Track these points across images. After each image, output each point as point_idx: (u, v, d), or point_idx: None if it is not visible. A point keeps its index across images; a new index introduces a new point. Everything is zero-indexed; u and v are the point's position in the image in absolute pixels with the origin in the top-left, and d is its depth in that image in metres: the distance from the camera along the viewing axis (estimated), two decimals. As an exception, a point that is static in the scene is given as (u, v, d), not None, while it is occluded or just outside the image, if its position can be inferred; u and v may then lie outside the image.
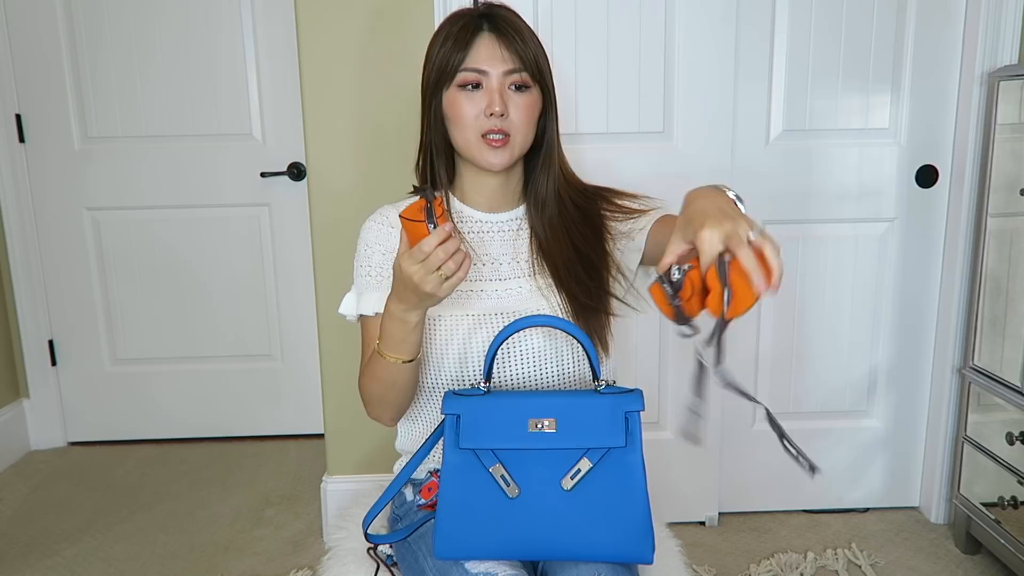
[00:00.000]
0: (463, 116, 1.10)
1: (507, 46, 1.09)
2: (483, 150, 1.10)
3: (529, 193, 1.19)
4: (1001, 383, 1.84)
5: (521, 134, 1.11)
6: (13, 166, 2.49)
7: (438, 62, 1.11)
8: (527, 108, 1.11)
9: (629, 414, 0.99)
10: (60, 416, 2.67)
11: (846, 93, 1.98)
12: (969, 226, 1.97)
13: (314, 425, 2.62)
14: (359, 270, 1.18)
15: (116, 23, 2.43)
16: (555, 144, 1.17)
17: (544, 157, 1.17)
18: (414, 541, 1.09)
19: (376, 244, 1.17)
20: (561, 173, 1.18)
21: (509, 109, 1.09)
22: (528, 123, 1.12)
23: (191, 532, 2.14)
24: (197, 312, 2.63)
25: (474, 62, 1.09)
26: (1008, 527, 1.80)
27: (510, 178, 1.19)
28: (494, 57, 1.08)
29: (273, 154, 2.52)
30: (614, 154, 1.91)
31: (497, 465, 0.98)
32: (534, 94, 1.12)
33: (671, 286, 0.84)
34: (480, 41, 1.09)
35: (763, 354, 2.11)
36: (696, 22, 1.88)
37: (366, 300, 1.15)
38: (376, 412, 1.15)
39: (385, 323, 1.02)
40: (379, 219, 1.19)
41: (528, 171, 1.20)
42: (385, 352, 1.03)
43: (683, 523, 2.12)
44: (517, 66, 1.09)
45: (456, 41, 1.09)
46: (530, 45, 1.10)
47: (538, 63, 1.11)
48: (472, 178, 1.18)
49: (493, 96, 1.08)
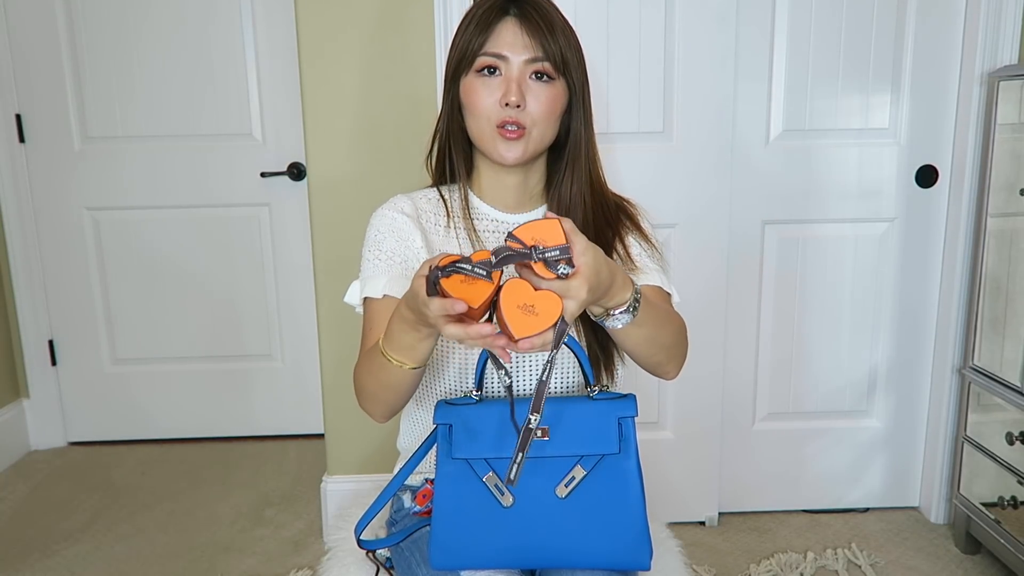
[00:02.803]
0: (478, 104, 1.04)
1: (531, 33, 1.02)
2: (496, 142, 1.04)
3: (552, 195, 1.12)
4: (1001, 383, 1.84)
5: (539, 128, 1.04)
6: (13, 166, 2.49)
7: (460, 46, 1.06)
8: (548, 101, 1.04)
9: (622, 420, 0.98)
10: (60, 416, 2.68)
11: (846, 93, 1.97)
12: (969, 226, 1.97)
13: (314, 425, 2.62)
14: (368, 255, 1.11)
15: (116, 23, 2.43)
16: (582, 144, 1.10)
17: (569, 157, 1.10)
18: (408, 548, 1.08)
19: (389, 232, 1.10)
20: (589, 178, 1.11)
21: (528, 100, 1.03)
22: (548, 117, 1.04)
23: (191, 532, 2.14)
24: (197, 312, 2.63)
25: (494, 46, 1.03)
26: (1008, 527, 1.80)
27: (530, 176, 1.12)
28: (516, 43, 1.02)
29: (273, 154, 2.52)
30: (614, 154, 1.91)
31: (491, 474, 0.97)
32: (558, 87, 1.05)
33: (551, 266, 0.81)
34: (503, 25, 1.03)
35: (763, 354, 2.11)
36: (696, 22, 1.87)
37: (373, 283, 1.08)
38: (367, 406, 1.07)
39: (394, 323, 0.92)
40: (393, 207, 1.12)
41: (552, 171, 1.14)
42: (389, 353, 0.94)
43: (683, 523, 2.12)
44: (539, 55, 1.02)
45: (479, 24, 1.04)
46: (558, 36, 1.03)
47: (563, 55, 1.04)
48: (490, 174, 1.12)
49: (510, 85, 1.02)
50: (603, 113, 1.92)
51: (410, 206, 1.13)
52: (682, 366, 1.10)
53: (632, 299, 0.91)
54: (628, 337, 0.96)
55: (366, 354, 1.05)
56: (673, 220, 1.96)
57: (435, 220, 1.14)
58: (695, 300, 1.99)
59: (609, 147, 1.92)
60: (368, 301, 1.10)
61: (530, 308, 0.80)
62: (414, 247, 1.10)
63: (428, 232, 1.13)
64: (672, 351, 1.05)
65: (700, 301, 2.00)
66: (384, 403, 1.04)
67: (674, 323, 1.05)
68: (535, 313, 0.80)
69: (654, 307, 0.99)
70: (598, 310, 0.92)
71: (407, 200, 1.14)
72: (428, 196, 1.16)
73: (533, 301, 0.80)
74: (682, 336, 1.08)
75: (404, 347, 0.93)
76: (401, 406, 1.06)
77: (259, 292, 2.63)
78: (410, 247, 1.10)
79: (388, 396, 1.02)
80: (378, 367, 0.97)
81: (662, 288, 1.12)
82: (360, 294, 1.11)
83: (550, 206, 1.13)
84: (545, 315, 0.80)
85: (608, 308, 0.91)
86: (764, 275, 2.07)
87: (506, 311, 0.79)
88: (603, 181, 1.15)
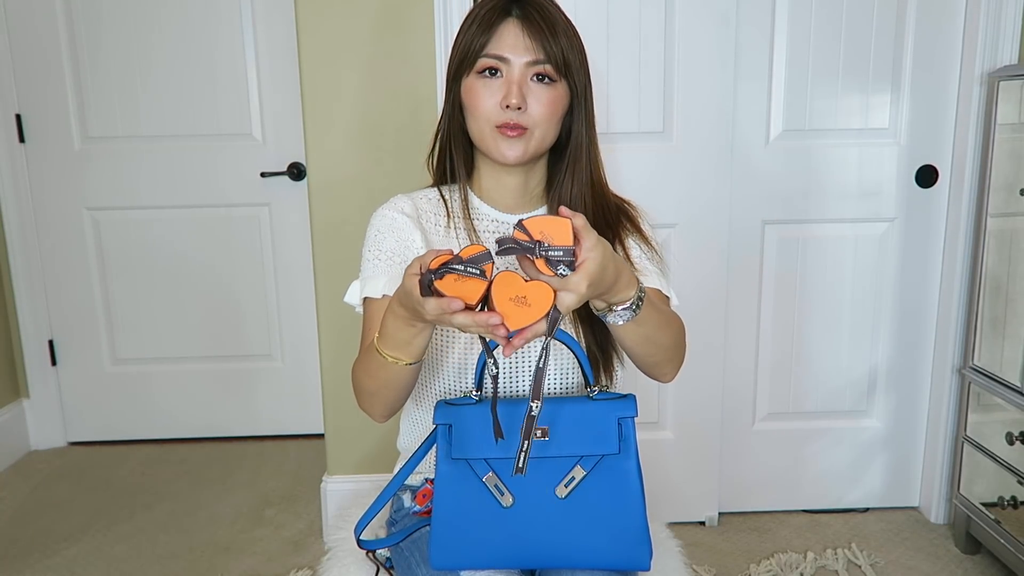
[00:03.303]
0: (479, 105, 1.04)
1: (533, 35, 1.02)
2: (497, 140, 1.04)
3: (552, 196, 1.12)
4: (1001, 383, 1.84)
5: (540, 129, 1.05)
6: (13, 166, 2.49)
7: (462, 46, 1.06)
8: (550, 103, 1.04)
9: (622, 420, 0.97)
10: (60, 416, 2.68)
11: (846, 93, 1.97)
12: (969, 226, 1.97)
13: (314, 425, 2.62)
14: (367, 255, 1.11)
15: (116, 23, 2.43)
16: (583, 146, 1.10)
17: (570, 159, 1.10)
18: (408, 548, 1.08)
19: (389, 231, 1.11)
20: (591, 179, 1.11)
21: (528, 102, 1.03)
22: (549, 118, 1.05)
23: (191, 532, 2.14)
24: (197, 312, 2.63)
25: (495, 48, 1.03)
26: (1008, 527, 1.80)
27: (531, 177, 1.13)
28: (517, 45, 1.02)
29: (273, 154, 2.52)
30: (614, 154, 1.91)
31: (490, 474, 0.97)
32: (559, 89, 1.05)
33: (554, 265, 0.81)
34: (505, 26, 1.03)
35: (763, 354, 2.11)
36: (696, 22, 1.87)
37: (373, 283, 1.09)
38: (366, 405, 1.08)
39: (387, 321, 0.93)
40: (393, 207, 1.13)
41: (553, 172, 1.14)
42: (384, 351, 0.95)
43: (683, 523, 2.12)
44: (540, 57, 1.02)
45: (481, 24, 1.04)
46: (560, 37, 1.03)
47: (566, 57, 1.04)
48: (491, 174, 1.12)
49: (511, 87, 1.02)
50: (603, 113, 1.92)
51: (410, 206, 1.13)
52: (679, 370, 1.11)
53: (636, 298, 0.91)
54: (627, 335, 0.96)
55: (364, 353, 1.05)
56: (673, 220, 1.96)
57: (435, 220, 1.14)
58: (695, 300, 1.99)
59: (609, 147, 1.91)
60: (368, 301, 1.10)
61: (522, 300, 0.80)
62: (414, 247, 1.10)
63: (428, 232, 1.13)
64: (670, 353, 1.06)
65: (700, 301, 2.00)
66: (383, 401, 1.04)
67: (674, 326, 1.05)
68: (527, 304, 0.80)
69: (656, 308, 0.99)
70: (601, 305, 0.92)
71: (407, 200, 1.14)
72: (428, 196, 1.17)
73: (525, 292, 0.81)
74: (681, 339, 1.08)
75: (399, 343, 0.94)
76: (400, 404, 1.07)
77: (259, 292, 2.63)
78: (410, 247, 1.10)
79: (386, 394, 1.02)
80: (376, 365, 0.98)
81: (661, 291, 1.12)
82: (360, 294, 1.11)
83: (551, 208, 1.13)
84: (537, 305, 0.81)
85: (611, 304, 0.91)
86: (764, 275, 2.07)
87: (499, 304, 0.80)
88: (604, 183, 1.15)
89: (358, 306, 1.13)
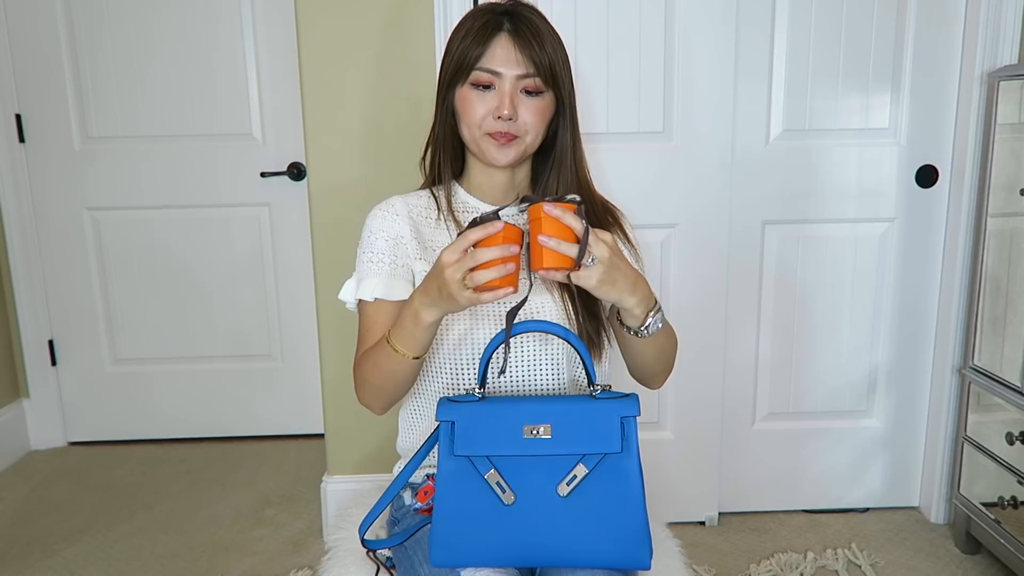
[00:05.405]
0: (472, 115, 1.11)
1: (523, 49, 1.09)
2: (489, 145, 1.12)
3: (538, 192, 1.20)
4: (1001, 383, 1.84)
5: (531, 135, 1.12)
6: (13, 166, 2.49)
7: (456, 56, 1.12)
8: (538, 112, 1.11)
9: (625, 419, 0.99)
10: (60, 416, 2.68)
11: (846, 93, 1.97)
12: (969, 226, 1.97)
13: (314, 425, 2.62)
14: (362, 256, 1.17)
15: (116, 23, 2.43)
16: (568, 149, 1.18)
17: (555, 160, 1.18)
18: (410, 546, 1.09)
19: (381, 231, 1.17)
20: (576, 178, 1.19)
21: (519, 112, 1.10)
22: (538, 126, 1.13)
23: (191, 532, 2.14)
24: (197, 312, 2.63)
25: (489, 62, 1.09)
26: (1008, 527, 1.80)
27: (517, 173, 1.20)
28: (509, 59, 1.09)
29: (273, 154, 2.52)
30: (614, 154, 1.91)
31: (492, 472, 0.98)
32: (547, 98, 1.13)
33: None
34: (498, 41, 1.10)
35: (763, 354, 2.11)
36: (696, 22, 1.87)
37: (366, 285, 1.14)
38: (368, 398, 1.15)
39: (404, 313, 1.03)
40: (386, 207, 1.19)
41: (539, 170, 1.21)
42: (395, 343, 1.03)
43: (683, 523, 2.12)
44: (531, 71, 1.09)
45: (475, 38, 1.10)
46: (547, 50, 1.10)
47: (553, 69, 1.11)
48: (481, 170, 1.20)
49: (503, 99, 1.09)
50: (603, 113, 1.92)
51: (403, 205, 1.20)
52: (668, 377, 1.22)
53: (656, 304, 1.03)
54: (649, 347, 1.08)
55: (370, 350, 1.11)
56: (673, 220, 1.97)
57: (426, 215, 1.21)
58: (695, 300, 1.99)
59: (609, 147, 1.92)
60: (362, 304, 1.16)
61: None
62: (403, 244, 1.16)
63: (420, 226, 1.19)
64: (670, 362, 1.18)
65: (700, 301, 2.00)
66: (385, 394, 1.12)
67: (674, 336, 1.17)
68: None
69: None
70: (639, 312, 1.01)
71: (400, 200, 1.21)
72: (420, 195, 1.24)
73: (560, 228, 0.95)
74: (676, 348, 1.19)
75: (406, 335, 1.02)
76: (399, 397, 1.14)
77: (259, 292, 2.63)
78: (399, 244, 1.16)
79: (389, 386, 1.10)
80: (383, 358, 1.06)
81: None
82: (354, 294, 1.17)
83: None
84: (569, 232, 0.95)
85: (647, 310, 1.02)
86: (764, 275, 2.07)
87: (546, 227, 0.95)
88: (590, 181, 1.22)
89: (349, 303, 1.19)
